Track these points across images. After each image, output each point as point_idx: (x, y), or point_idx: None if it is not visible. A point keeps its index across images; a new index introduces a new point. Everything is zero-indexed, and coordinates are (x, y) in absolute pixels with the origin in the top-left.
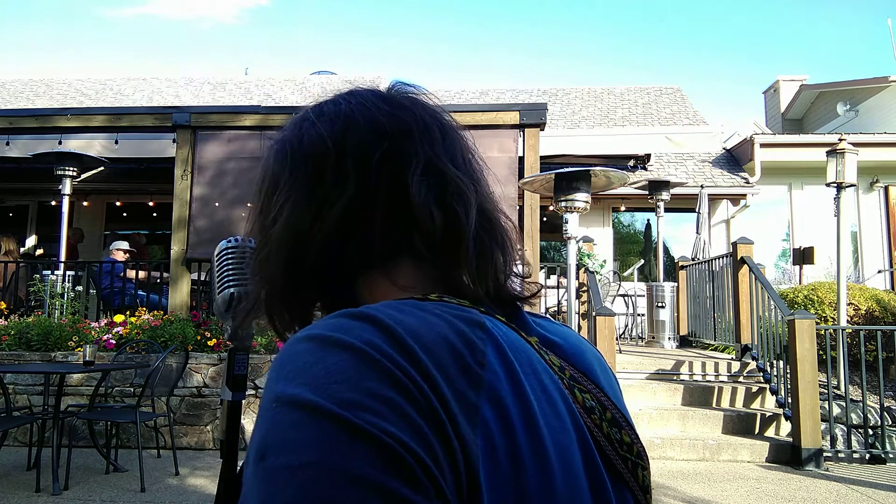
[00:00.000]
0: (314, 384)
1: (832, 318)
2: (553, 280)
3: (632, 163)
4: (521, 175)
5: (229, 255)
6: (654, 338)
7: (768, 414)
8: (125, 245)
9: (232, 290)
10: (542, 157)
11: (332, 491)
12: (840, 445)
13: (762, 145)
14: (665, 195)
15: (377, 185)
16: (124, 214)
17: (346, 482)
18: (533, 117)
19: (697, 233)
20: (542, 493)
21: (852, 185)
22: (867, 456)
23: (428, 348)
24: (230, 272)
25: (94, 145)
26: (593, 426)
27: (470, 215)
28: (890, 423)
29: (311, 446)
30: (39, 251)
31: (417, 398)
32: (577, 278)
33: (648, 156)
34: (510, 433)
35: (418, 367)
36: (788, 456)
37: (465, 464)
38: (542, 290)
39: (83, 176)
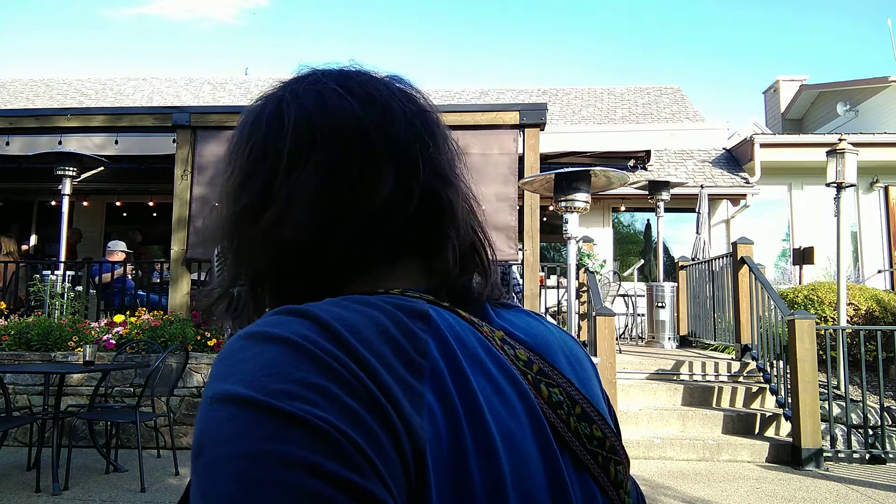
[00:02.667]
0: (247, 379)
1: (832, 318)
2: (553, 280)
3: (632, 163)
4: (521, 175)
5: None
6: (654, 338)
7: (768, 414)
8: (123, 245)
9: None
10: (544, 155)
11: (268, 475)
12: (840, 445)
13: (762, 145)
14: (665, 195)
15: (413, 182)
16: (124, 214)
17: (283, 465)
18: (533, 117)
19: (697, 233)
20: (486, 476)
21: (852, 185)
22: (867, 456)
23: (365, 340)
24: None
25: (94, 145)
26: (558, 422)
27: (457, 220)
28: (890, 423)
29: (245, 436)
30: (25, 246)
31: (353, 384)
32: (577, 278)
33: (648, 155)
34: (453, 418)
35: (353, 357)
36: (788, 456)
37: (412, 447)
38: (513, 296)
39: (83, 176)
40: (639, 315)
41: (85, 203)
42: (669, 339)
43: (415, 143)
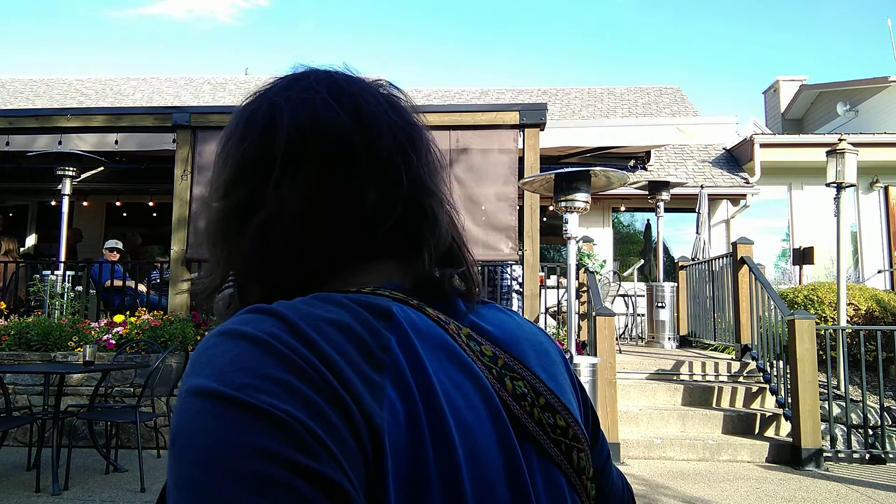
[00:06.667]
0: (217, 374)
1: (832, 318)
2: (553, 280)
3: (632, 163)
4: (521, 175)
5: None
6: (654, 338)
7: (768, 414)
8: (118, 245)
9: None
10: (546, 151)
11: (231, 463)
12: (840, 445)
13: (762, 145)
14: (665, 195)
15: (395, 195)
16: (124, 214)
17: (244, 454)
18: (533, 117)
19: (697, 233)
20: (441, 462)
21: (852, 185)
22: (867, 456)
23: (328, 337)
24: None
25: (94, 145)
26: (522, 413)
27: (438, 228)
28: (890, 423)
29: (212, 428)
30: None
31: (314, 378)
32: (577, 278)
33: (648, 155)
34: (412, 408)
35: (315, 352)
36: (788, 456)
37: (370, 435)
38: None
39: (83, 176)
40: (639, 315)
41: (85, 203)
42: (669, 339)
43: (398, 157)
